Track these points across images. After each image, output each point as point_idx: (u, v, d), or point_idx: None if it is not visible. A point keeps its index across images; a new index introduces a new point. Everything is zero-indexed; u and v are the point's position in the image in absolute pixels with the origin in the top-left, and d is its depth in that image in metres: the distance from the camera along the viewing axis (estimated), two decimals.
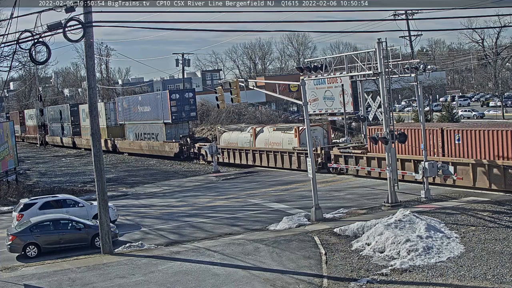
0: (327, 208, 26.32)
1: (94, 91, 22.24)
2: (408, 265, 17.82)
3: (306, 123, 25.94)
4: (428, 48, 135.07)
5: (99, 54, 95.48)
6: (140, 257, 21.21)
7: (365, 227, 21.81)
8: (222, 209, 29.70)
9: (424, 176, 27.06)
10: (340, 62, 32.93)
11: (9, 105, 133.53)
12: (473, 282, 16.09)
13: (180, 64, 77.49)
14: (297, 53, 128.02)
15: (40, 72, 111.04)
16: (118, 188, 40.08)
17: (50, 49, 19.48)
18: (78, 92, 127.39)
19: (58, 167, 58.43)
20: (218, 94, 33.54)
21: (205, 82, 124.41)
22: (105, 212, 22.14)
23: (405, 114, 73.19)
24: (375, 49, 26.95)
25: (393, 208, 25.18)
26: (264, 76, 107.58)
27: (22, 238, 22.65)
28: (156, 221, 28.32)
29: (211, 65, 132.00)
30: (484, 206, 24.77)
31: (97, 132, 22.14)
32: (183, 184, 40.29)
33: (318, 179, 26.63)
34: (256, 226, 25.01)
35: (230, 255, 20.53)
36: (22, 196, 34.20)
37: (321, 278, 17.54)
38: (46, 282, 18.90)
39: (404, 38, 65.87)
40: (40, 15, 18.48)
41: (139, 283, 18.20)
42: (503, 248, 18.75)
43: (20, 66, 47.38)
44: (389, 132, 26.48)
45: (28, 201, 27.14)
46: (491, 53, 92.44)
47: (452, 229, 21.24)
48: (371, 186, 32.07)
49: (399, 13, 63.37)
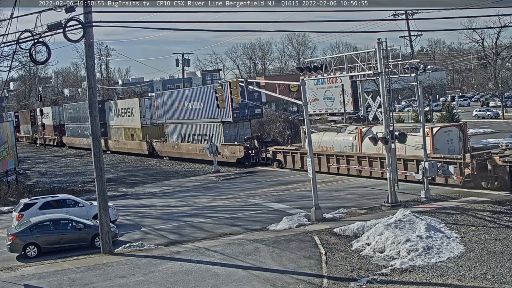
0: (327, 208, 26.32)
1: (94, 91, 22.26)
2: (408, 265, 17.82)
3: (306, 123, 25.93)
4: (428, 48, 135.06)
5: (99, 54, 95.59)
6: (140, 257, 21.20)
7: (365, 227, 21.81)
8: (222, 209, 29.71)
9: (424, 176, 27.06)
10: (340, 62, 32.93)
11: (9, 105, 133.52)
12: (473, 282, 16.09)
13: (180, 64, 77.55)
14: (297, 53, 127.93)
15: (40, 72, 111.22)
16: (118, 188, 40.08)
17: (50, 49, 19.51)
18: (78, 92, 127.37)
19: (58, 167, 58.44)
20: (218, 94, 33.58)
21: (205, 82, 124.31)
22: (105, 212, 22.15)
23: (405, 114, 73.07)
24: (375, 49, 26.95)
25: (393, 208, 25.18)
26: (264, 76, 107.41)
27: (22, 238, 22.65)
28: (156, 221, 28.32)
29: (211, 65, 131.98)
30: (484, 206, 24.78)
31: (97, 132, 22.19)
32: (183, 184, 40.29)
33: (318, 179, 26.63)
34: (256, 226, 25.01)
35: (230, 255, 20.53)
36: (22, 196, 34.19)
37: (321, 278, 17.54)
38: (46, 282, 18.90)
39: (404, 38, 65.87)
40: (40, 15, 18.50)
41: (139, 283, 18.20)
42: (503, 248, 18.75)
43: (20, 66, 47.40)
44: (389, 132, 26.49)
45: (28, 201, 27.14)
46: (491, 53, 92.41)
47: (452, 229, 21.24)
48: (371, 186, 32.07)
49: (399, 13, 63.33)
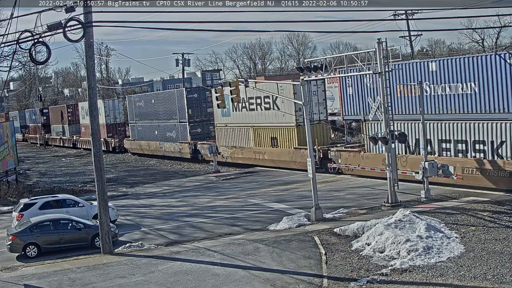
0: (327, 208, 26.32)
1: (94, 91, 22.26)
2: (408, 265, 17.81)
3: (306, 123, 25.94)
4: (428, 48, 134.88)
5: (99, 54, 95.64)
6: (140, 257, 21.20)
7: (365, 227, 21.80)
8: (222, 209, 29.70)
9: (424, 176, 27.06)
10: (340, 62, 32.94)
11: (9, 105, 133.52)
12: (473, 282, 16.07)
13: (180, 64, 77.51)
14: (297, 53, 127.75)
15: (40, 72, 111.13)
16: (118, 188, 40.09)
17: (50, 49, 19.51)
18: (78, 92, 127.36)
19: (58, 167, 58.45)
20: (218, 94, 33.56)
21: (205, 82, 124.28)
22: (105, 212, 22.14)
23: None
24: (375, 49, 26.93)
25: (393, 208, 25.17)
26: (264, 76, 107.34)
27: (22, 238, 22.65)
28: (156, 221, 28.32)
29: (211, 65, 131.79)
30: (484, 206, 24.77)
31: (97, 132, 22.16)
32: (183, 184, 40.29)
33: (318, 179, 26.63)
34: (256, 226, 25.01)
35: (230, 255, 20.52)
36: (22, 196, 34.21)
37: (321, 278, 17.53)
38: (46, 282, 18.90)
39: (404, 38, 65.75)
40: (40, 15, 18.49)
41: (139, 283, 18.19)
42: (503, 248, 18.74)
43: (20, 66, 47.48)
44: (389, 132, 26.50)
45: (28, 201, 27.15)
46: (491, 53, 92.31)
47: (452, 229, 21.23)
48: (371, 186, 32.07)
49: (399, 13, 63.22)
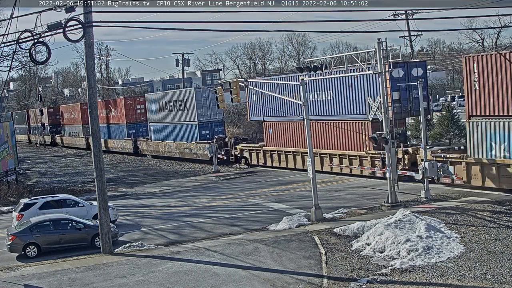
0: (327, 208, 26.32)
1: (94, 91, 22.25)
2: (408, 265, 17.81)
3: (306, 123, 25.93)
4: (428, 48, 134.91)
5: (99, 54, 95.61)
6: (140, 257, 21.20)
7: (365, 227, 21.80)
8: (222, 209, 29.70)
9: (424, 176, 27.06)
10: (340, 62, 32.93)
11: (9, 105, 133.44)
12: (473, 282, 16.07)
13: (180, 64, 77.47)
14: (297, 53, 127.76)
15: (40, 72, 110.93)
16: (118, 188, 40.07)
17: (50, 49, 19.49)
18: (78, 92, 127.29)
19: (58, 167, 58.42)
20: (218, 94, 33.59)
21: (205, 82, 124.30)
22: (105, 212, 22.14)
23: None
24: (375, 49, 26.95)
25: (393, 208, 25.17)
26: (264, 76, 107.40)
27: (22, 238, 22.65)
28: (156, 221, 28.32)
29: (211, 65, 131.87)
30: (484, 206, 24.77)
31: (97, 132, 22.16)
32: (183, 184, 40.28)
33: (318, 179, 26.63)
34: (256, 226, 25.01)
35: (230, 255, 20.52)
36: (22, 196, 34.16)
37: (321, 278, 17.53)
38: (46, 282, 18.90)
39: (404, 38, 65.72)
40: (40, 15, 18.48)
41: (139, 283, 18.19)
42: (503, 248, 18.74)
43: (20, 66, 47.49)
44: (389, 132, 26.51)
45: (28, 201, 27.14)
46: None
47: (452, 229, 21.23)
48: (371, 186, 32.07)
49: (399, 13, 63.21)
